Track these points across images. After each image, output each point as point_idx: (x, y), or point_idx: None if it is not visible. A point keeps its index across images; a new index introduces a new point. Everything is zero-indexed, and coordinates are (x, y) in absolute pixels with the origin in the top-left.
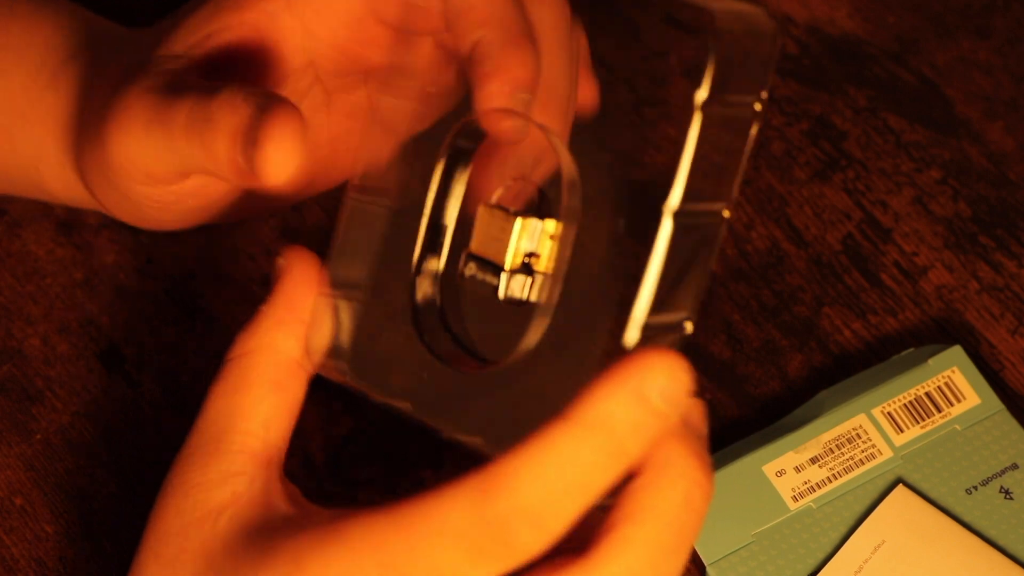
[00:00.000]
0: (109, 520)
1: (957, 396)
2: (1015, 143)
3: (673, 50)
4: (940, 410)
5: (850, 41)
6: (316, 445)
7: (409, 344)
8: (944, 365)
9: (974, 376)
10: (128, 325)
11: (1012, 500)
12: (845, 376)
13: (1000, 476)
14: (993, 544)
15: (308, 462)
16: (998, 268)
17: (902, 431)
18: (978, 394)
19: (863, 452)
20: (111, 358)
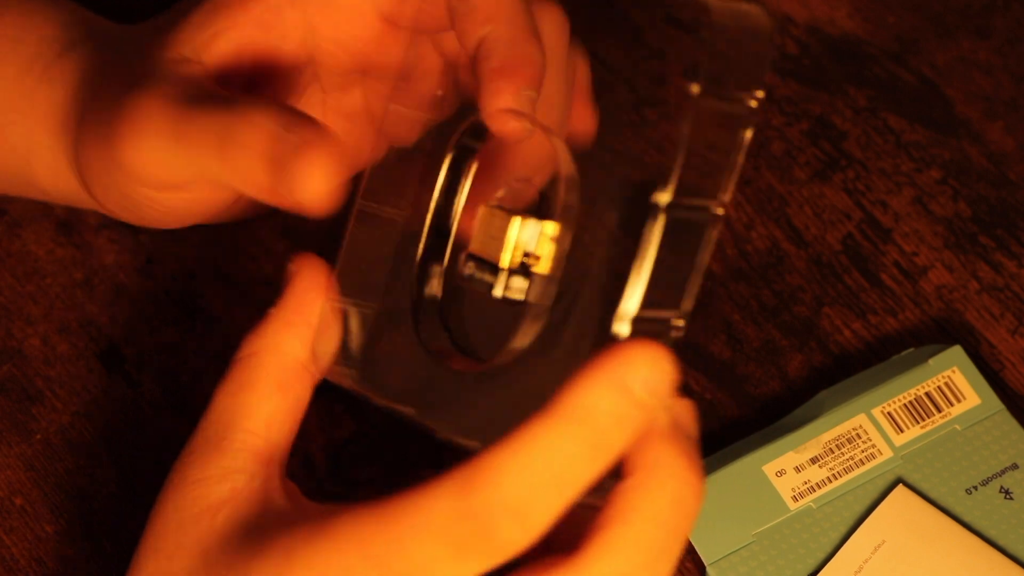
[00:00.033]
0: (109, 520)
1: (957, 396)
2: (1015, 143)
3: (673, 50)
4: (940, 410)
5: (850, 41)
6: (317, 446)
7: (410, 344)
8: (944, 365)
9: (974, 376)
10: (128, 325)
11: (1012, 500)
12: (845, 376)
13: (1000, 476)
14: (993, 544)
15: (309, 463)
16: (998, 268)
17: (902, 431)
18: (978, 394)
19: (863, 452)
20: (111, 358)
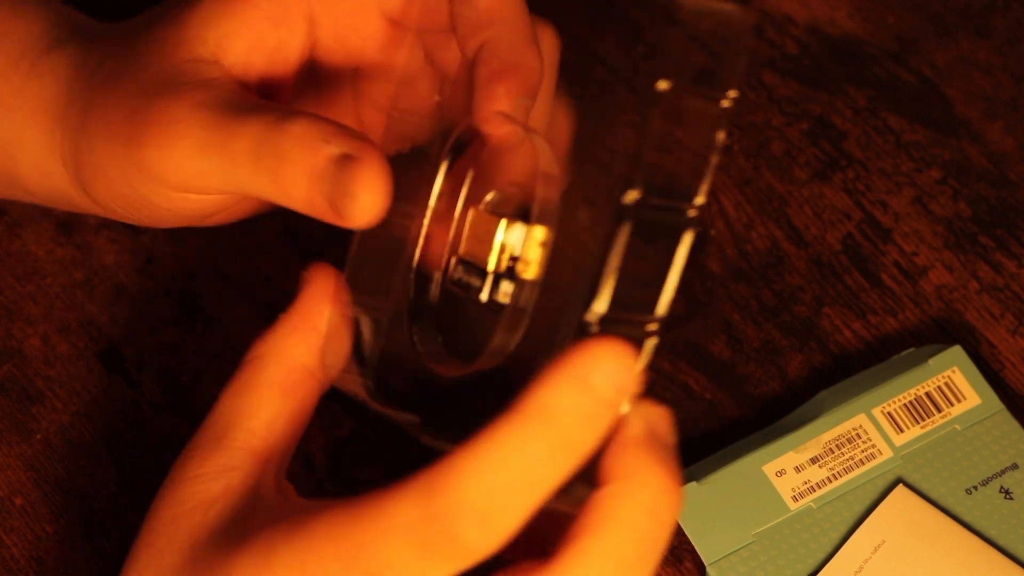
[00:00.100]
0: (109, 520)
1: (957, 396)
2: (1015, 143)
3: (669, 48)
4: (940, 410)
5: (850, 41)
6: (317, 446)
7: (405, 349)
8: (944, 365)
9: (974, 376)
10: (128, 325)
11: (1012, 500)
12: (845, 376)
13: (1000, 476)
14: (993, 544)
15: (309, 463)
16: (998, 268)
17: (902, 431)
18: (978, 394)
19: (863, 452)
20: (111, 358)
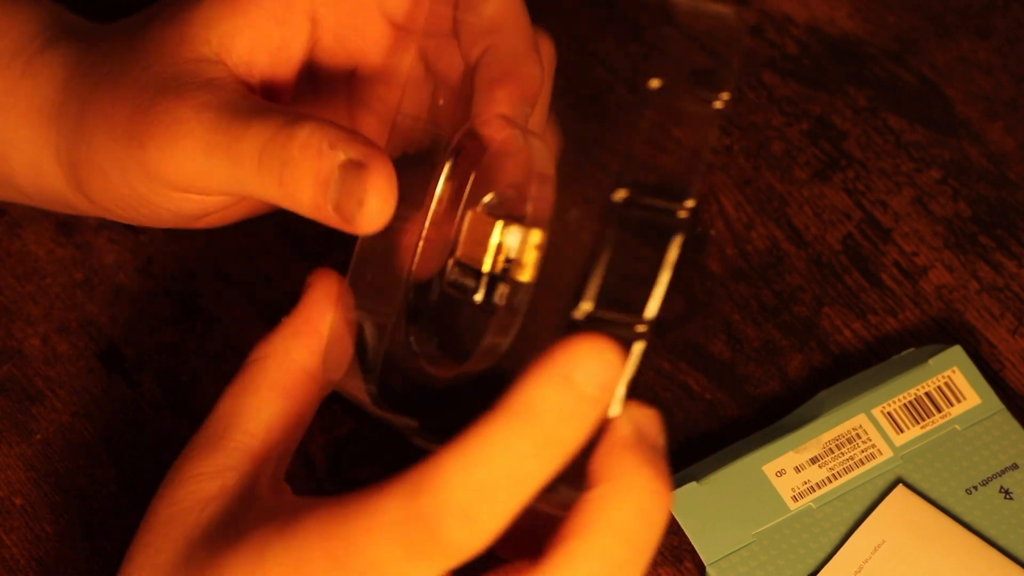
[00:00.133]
0: (109, 520)
1: (957, 396)
2: (1015, 143)
3: (667, 48)
4: (940, 410)
5: (850, 41)
6: (317, 446)
7: (403, 351)
8: (944, 365)
9: (974, 376)
10: (128, 325)
11: (1012, 500)
12: (845, 376)
13: (1000, 476)
14: (993, 544)
15: (309, 462)
16: (998, 268)
17: (902, 431)
18: (978, 394)
19: (863, 452)
20: (111, 358)
